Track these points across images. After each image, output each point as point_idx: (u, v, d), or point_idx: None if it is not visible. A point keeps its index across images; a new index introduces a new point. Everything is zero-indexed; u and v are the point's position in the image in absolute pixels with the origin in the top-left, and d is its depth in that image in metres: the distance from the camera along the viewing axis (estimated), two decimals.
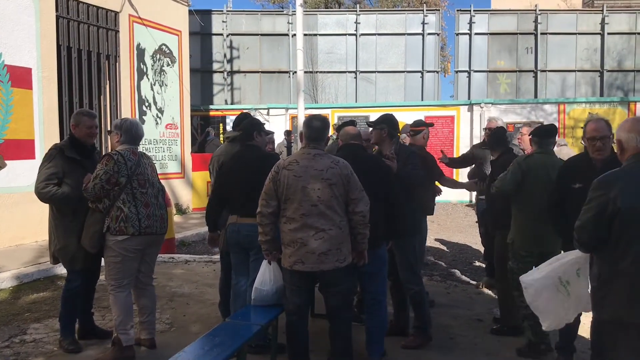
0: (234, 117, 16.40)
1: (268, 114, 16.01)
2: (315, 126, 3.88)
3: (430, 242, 7.46)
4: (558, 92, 17.46)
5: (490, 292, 6.25)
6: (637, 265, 2.75)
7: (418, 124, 5.85)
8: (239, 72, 18.11)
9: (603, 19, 17.31)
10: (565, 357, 4.07)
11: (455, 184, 6.40)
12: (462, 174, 12.31)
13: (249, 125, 4.64)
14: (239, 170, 4.44)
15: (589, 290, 3.13)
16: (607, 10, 17.44)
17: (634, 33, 17.41)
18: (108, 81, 10.81)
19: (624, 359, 2.90)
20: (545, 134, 4.57)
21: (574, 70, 17.55)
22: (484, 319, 5.38)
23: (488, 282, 6.49)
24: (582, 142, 4.08)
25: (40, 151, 8.63)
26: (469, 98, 17.10)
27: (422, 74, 17.86)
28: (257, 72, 18.07)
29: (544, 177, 4.30)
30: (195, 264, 7.70)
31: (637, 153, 2.87)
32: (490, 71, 17.74)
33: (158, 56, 12.04)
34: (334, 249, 3.68)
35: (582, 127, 11.77)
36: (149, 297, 4.51)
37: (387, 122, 4.82)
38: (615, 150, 3.05)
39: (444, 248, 9.08)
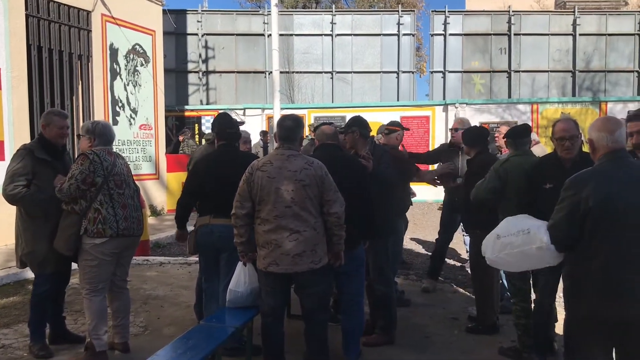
0: (209, 118, 16.27)
1: (244, 114, 15.93)
2: (287, 125, 3.85)
3: (406, 241, 7.48)
4: (531, 92, 17.68)
5: (465, 291, 6.29)
6: (609, 263, 2.77)
7: (393, 124, 5.87)
8: (214, 72, 17.98)
9: (574, 20, 17.58)
10: (539, 356, 4.08)
11: (432, 173, 6.34)
12: None
13: (237, 126, 4.62)
14: (214, 170, 4.40)
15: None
16: (578, 11, 17.74)
17: (604, 34, 17.72)
18: (80, 81, 10.64)
19: (596, 356, 2.93)
20: (519, 135, 4.56)
21: (547, 71, 17.79)
22: (459, 317, 5.40)
23: (433, 284, 6.46)
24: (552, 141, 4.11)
25: (10, 152, 8.45)
26: (444, 98, 17.22)
27: (398, 74, 17.93)
28: (233, 72, 17.96)
29: (523, 179, 4.23)
30: (169, 266, 7.61)
31: (608, 152, 2.89)
32: (464, 72, 17.88)
33: (131, 56, 11.88)
34: (309, 251, 3.66)
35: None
36: (123, 300, 4.44)
37: (357, 124, 4.83)
38: (586, 150, 3.07)
39: (420, 247, 9.12)
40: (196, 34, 17.74)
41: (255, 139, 12.97)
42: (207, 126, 15.76)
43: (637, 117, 3.53)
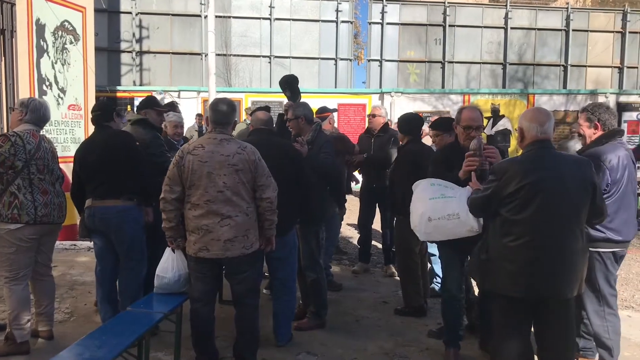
0: (142, 99, 15.79)
1: (179, 96, 15.58)
2: (222, 110, 3.81)
3: (342, 227, 7.58)
4: (464, 82, 18.16)
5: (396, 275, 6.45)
6: (527, 243, 2.98)
7: (323, 110, 6.00)
8: (148, 52, 17.47)
9: (506, 14, 18.14)
10: (454, 347, 4.18)
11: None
12: None
13: (105, 106, 4.61)
14: (89, 153, 4.35)
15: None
16: (510, 5, 18.30)
17: (534, 29, 18.39)
18: (3, 57, 10.10)
19: (504, 328, 3.16)
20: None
21: (479, 62, 18.31)
22: (389, 301, 5.54)
23: (362, 267, 6.67)
24: (455, 128, 4.18)
25: None
26: (380, 87, 17.43)
27: (336, 61, 17.98)
28: (168, 53, 17.51)
29: None
30: None
31: (535, 141, 3.09)
32: (400, 61, 18.14)
33: (60, 33, 11.35)
34: (241, 236, 3.65)
35: (485, 117, 12.15)
36: (47, 287, 4.30)
37: (302, 110, 4.87)
38: (513, 141, 3.26)
39: (355, 232, 9.24)
40: (130, 13, 17.14)
41: (190, 122, 12.74)
42: (136, 108, 15.32)
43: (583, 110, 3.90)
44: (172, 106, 5.67)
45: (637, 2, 23.87)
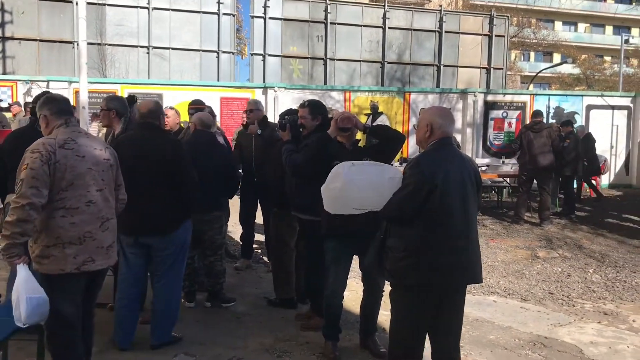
0: (5, 89, 14.59)
1: (48, 86, 14.51)
2: (60, 98, 3.49)
3: (231, 226, 7.44)
4: (347, 79, 18.58)
5: None
6: (448, 233, 3.12)
7: (199, 102, 5.93)
8: (12, 38, 16.14)
9: (385, 14, 18.79)
10: (333, 340, 4.26)
11: None
12: None
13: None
14: (14, 148, 4.05)
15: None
16: (388, 5, 18.98)
17: (410, 29, 19.21)
18: None
19: (424, 320, 3.24)
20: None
21: (359, 60, 18.82)
22: (271, 297, 5.52)
23: (245, 263, 6.70)
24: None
25: None
26: (264, 81, 17.38)
27: (218, 54, 17.69)
28: (35, 40, 16.29)
29: None
30: None
31: (444, 137, 3.26)
32: (284, 56, 18.21)
33: None
34: (116, 240, 3.47)
35: (365, 114, 12.57)
36: None
37: (115, 103, 4.70)
38: (425, 133, 3.31)
39: (238, 229, 9.13)
40: None
41: None
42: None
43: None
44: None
45: (501, 7, 25.75)
